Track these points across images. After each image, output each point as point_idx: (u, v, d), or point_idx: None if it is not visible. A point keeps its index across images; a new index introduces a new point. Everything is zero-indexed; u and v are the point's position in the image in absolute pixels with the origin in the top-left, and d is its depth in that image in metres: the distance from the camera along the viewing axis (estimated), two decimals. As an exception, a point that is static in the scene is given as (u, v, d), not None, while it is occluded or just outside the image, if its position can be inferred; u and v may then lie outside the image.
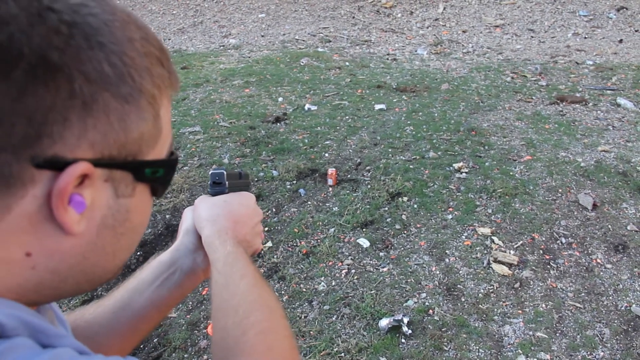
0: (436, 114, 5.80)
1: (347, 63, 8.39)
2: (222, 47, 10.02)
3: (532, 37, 9.37)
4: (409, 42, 9.76)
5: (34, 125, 0.44)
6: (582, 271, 3.30)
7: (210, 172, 0.89)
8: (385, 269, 3.35)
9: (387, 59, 8.76)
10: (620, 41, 8.88)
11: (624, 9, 10.10)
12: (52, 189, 0.46)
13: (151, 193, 0.59)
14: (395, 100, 6.37)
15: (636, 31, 9.48)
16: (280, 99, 6.57)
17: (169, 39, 10.80)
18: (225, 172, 0.89)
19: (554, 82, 6.88)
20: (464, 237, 3.61)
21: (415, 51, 9.16)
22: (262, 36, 10.44)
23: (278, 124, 5.70)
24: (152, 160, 0.55)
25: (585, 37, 9.29)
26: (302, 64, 8.35)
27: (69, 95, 0.45)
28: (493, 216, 3.81)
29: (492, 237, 3.58)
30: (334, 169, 4.37)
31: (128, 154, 0.51)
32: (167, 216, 3.99)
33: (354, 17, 10.91)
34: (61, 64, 0.45)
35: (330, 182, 4.28)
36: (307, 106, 6.19)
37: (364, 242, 3.58)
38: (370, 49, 9.52)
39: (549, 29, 9.57)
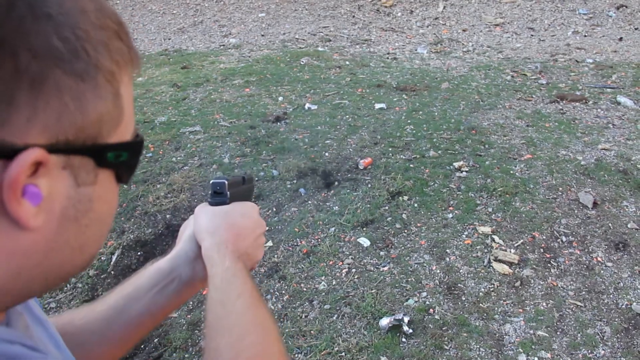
0: (436, 113, 5.79)
1: (347, 62, 8.38)
2: (222, 47, 10.01)
3: (532, 35, 9.36)
4: (409, 41, 9.74)
5: None
6: (583, 269, 3.30)
7: (211, 182, 0.85)
8: (385, 268, 3.35)
9: (387, 58, 8.75)
10: (620, 39, 8.87)
11: (624, 7, 10.09)
12: (1, 180, 0.41)
13: (116, 179, 0.53)
14: (395, 99, 6.36)
15: (636, 29, 9.46)
16: (280, 99, 6.57)
17: (169, 39, 10.79)
18: (226, 182, 0.84)
19: (554, 81, 6.87)
20: (464, 236, 3.61)
21: (416, 50, 9.15)
22: (263, 35, 10.43)
23: (278, 123, 5.70)
24: (114, 144, 0.50)
25: (585, 35, 9.28)
26: (302, 63, 8.34)
27: (13, 73, 0.40)
28: (493, 215, 3.81)
29: (493, 236, 3.57)
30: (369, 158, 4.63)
31: (87, 138, 0.46)
32: (168, 216, 3.98)
33: (354, 16, 10.90)
34: (1, 38, 0.40)
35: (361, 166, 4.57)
36: (307, 105, 6.18)
37: (365, 241, 3.57)
38: (370, 48, 9.51)
39: (549, 27, 9.56)
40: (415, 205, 3.96)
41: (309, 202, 4.10)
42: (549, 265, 3.33)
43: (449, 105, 6.06)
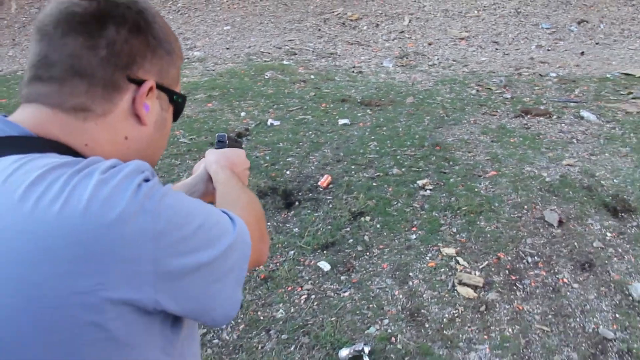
0: (400, 129, 5.68)
1: (312, 76, 8.26)
2: (186, 60, 9.79)
3: (496, 49, 9.37)
4: (374, 54, 9.67)
5: (132, 58, 0.81)
6: (549, 292, 3.19)
7: (216, 135, 1.34)
8: (346, 294, 3.19)
9: (353, 71, 8.65)
10: (582, 53, 8.93)
11: (585, 22, 10.20)
12: (135, 95, 0.82)
13: (174, 116, 0.94)
14: (359, 114, 6.24)
15: (597, 44, 9.55)
16: (243, 114, 6.39)
17: (132, 52, 10.53)
18: (226, 135, 1.31)
19: (519, 95, 6.84)
20: (428, 258, 3.47)
21: (381, 64, 9.07)
22: (227, 49, 10.25)
23: (240, 140, 5.51)
24: (178, 92, 0.92)
25: (548, 50, 9.32)
26: (266, 77, 8.18)
27: (146, 46, 0.83)
28: (458, 235, 3.68)
29: (457, 258, 3.44)
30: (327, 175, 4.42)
31: (168, 84, 0.89)
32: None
33: (319, 30, 10.80)
34: (145, 30, 0.83)
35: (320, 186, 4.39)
36: (269, 121, 6.02)
37: (325, 266, 3.41)
38: (336, 61, 9.40)
39: (513, 41, 9.59)
40: (378, 226, 3.82)
41: (269, 223, 3.92)
42: (514, 287, 3.21)
43: (413, 120, 5.96)
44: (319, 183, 4.38)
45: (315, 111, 6.40)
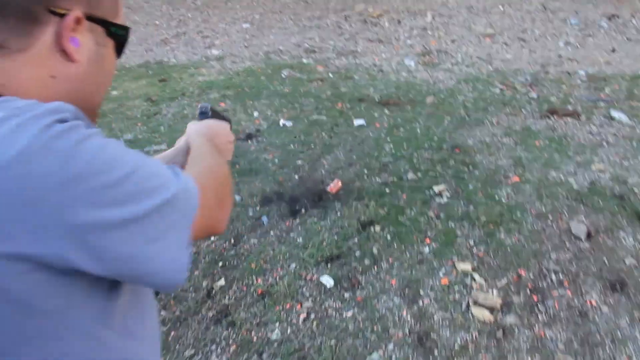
0: (419, 130, 5.35)
1: (330, 75, 7.95)
2: (204, 59, 9.57)
3: (522, 46, 8.93)
4: (396, 52, 9.32)
5: None
6: (575, 315, 2.84)
7: (199, 105, 1.23)
8: (349, 314, 2.89)
9: (373, 69, 8.32)
10: (613, 50, 8.44)
11: (616, 17, 9.68)
12: (60, 28, 0.73)
13: (115, 51, 0.86)
14: (376, 114, 5.92)
15: (628, 39, 9.04)
16: (255, 114, 6.12)
17: (151, 50, 10.35)
18: (209, 106, 1.22)
19: (545, 94, 6.43)
20: (441, 274, 3.15)
21: (402, 62, 8.72)
22: (246, 47, 9.99)
23: (249, 141, 5.25)
24: (115, 23, 0.83)
25: (577, 46, 8.85)
26: (283, 76, 7.91)
27: None
28: (475, 248, 3.35)
29: (473, 274, 3.11)
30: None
31: (102, 15, 0.80)
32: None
33: (340, 27, 10.48)
34: None
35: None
36: (282, 122, 5.73)
37: (328, 281, 3.12)
38: (356, 59, 9.08)
39: (540, 37, 9.13)
40: (388, 237, 3.50)
41: (271, 232, 3.64)
42: (536, 310, 2.87)
43: (432, 121, 5.62)
44: (329, 189, 4.09)
45: (331, 111, 6.10)
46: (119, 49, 0.87)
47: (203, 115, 1.22)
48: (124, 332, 0.77)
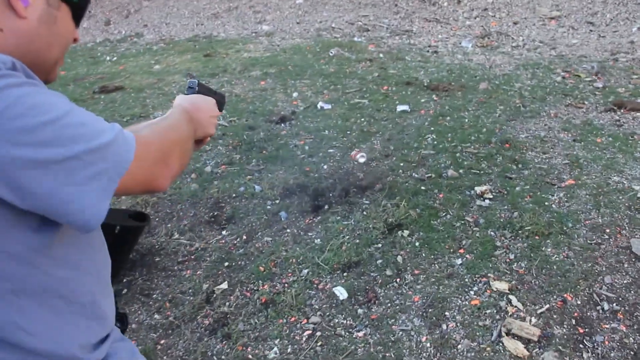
0: (467, 120, 4.82)
1: (381, 55, 7.45)
2: (254, 34, 9.23)
3: (591, 30, 8.13)
4: (453, 33, 8.69)
5: None
6: (629, 357, 2.35)
7: (188, 80, 1.30)
8: (360, 334, 2.49)
9: (427, 51, 7.76)
10: (696, 38, 7.55)
11: (702, 1, 8.68)
12: None
13: (72, 18, 0.90)
14: (423, 100, 5.42)
15: None
16: (295, 94, 5.73)
17: (202, 24, 10.08)
18: (197, 81, 1.25)
19: (612, 84, 5.75)
20: (472, 292, 2.70)
21: (460, 43, 8.11)
22: (298, 23, 9.58)
23: (282, 124, 4.87)
24: None
25: (653, 32, 7.99)
26: (331, 54, 7.47)
27: None
28: (515, 264, 2.87)
29: (510, 296, 2.65)
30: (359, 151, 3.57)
31: None
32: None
33: (396, 5, 9.88)
34: None
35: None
36: (320, 104, 5.32)
37: (341, 293, 2.72)
38: (410, 39, 8.52)
39: (611, 22, 8.28)
40: (417, 244, 3.06)
41: (288, 230, 3.26)
42: (581, 346, 2.39)
43: (483, 110, 5.07)
44: (351, 155, 3.67)
45: (374, 94, 5.64)
46: (77, 17, 0.92)
47: (191, 90, 1.24)
48: (64, 263, 0.85)
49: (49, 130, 0.69)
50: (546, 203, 3.39)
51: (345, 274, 2.85)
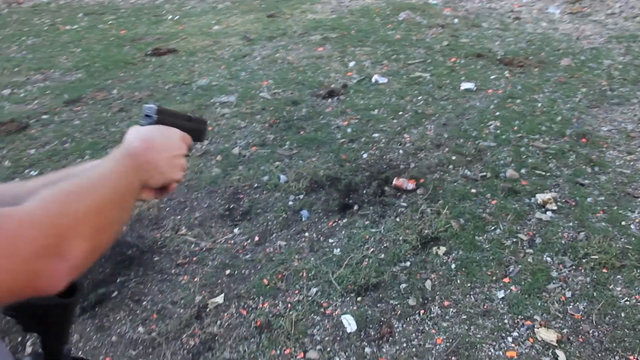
0: (540, 104, 4.09)
1: (455, 20, 6.66)
2: (325, -8, 8.58)
3: None
4: (541, -4, 7.68)
5: None
6: None
7: (143, 107, 0.88)
8: (364, 384, 2.01)
9: (509, 17, 6.87)
10: None
11: None
12: None
13: None
14: (492, 77, 4.69)
15: None
16: (351, 64, 5.15)
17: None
18: (156, 107, 0.86)
19: None
20: (509, 340, 2.13)
21: (546, 9, 7.13)
22: (375, -18, 8.82)
23: (329, 99, 4.33)
24: None
25: None
26: (400, 18, 6.75)
27: None
28: (571, 305, 2.26)
29: (557, 351, 2.06)
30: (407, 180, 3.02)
31: None
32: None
33: (481, -36, 8.87)
34: None
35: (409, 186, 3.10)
36: (375, 77, 4.72)
37: (350, 323, 2.23)
38: (492, 3, 7.61)
39: None
40: (453, 265, 2.50)
41: (307, 233, 2.78)
42: None
43: (561, 92, 4.30)
44: (394, 183, 3.11)
45: (439, 68, 4.96)
46: None
47: (147, 119, 0.86)
48: None
49: None
50: (623, 222, 2.71)
51: (359, 298, 2.35)
